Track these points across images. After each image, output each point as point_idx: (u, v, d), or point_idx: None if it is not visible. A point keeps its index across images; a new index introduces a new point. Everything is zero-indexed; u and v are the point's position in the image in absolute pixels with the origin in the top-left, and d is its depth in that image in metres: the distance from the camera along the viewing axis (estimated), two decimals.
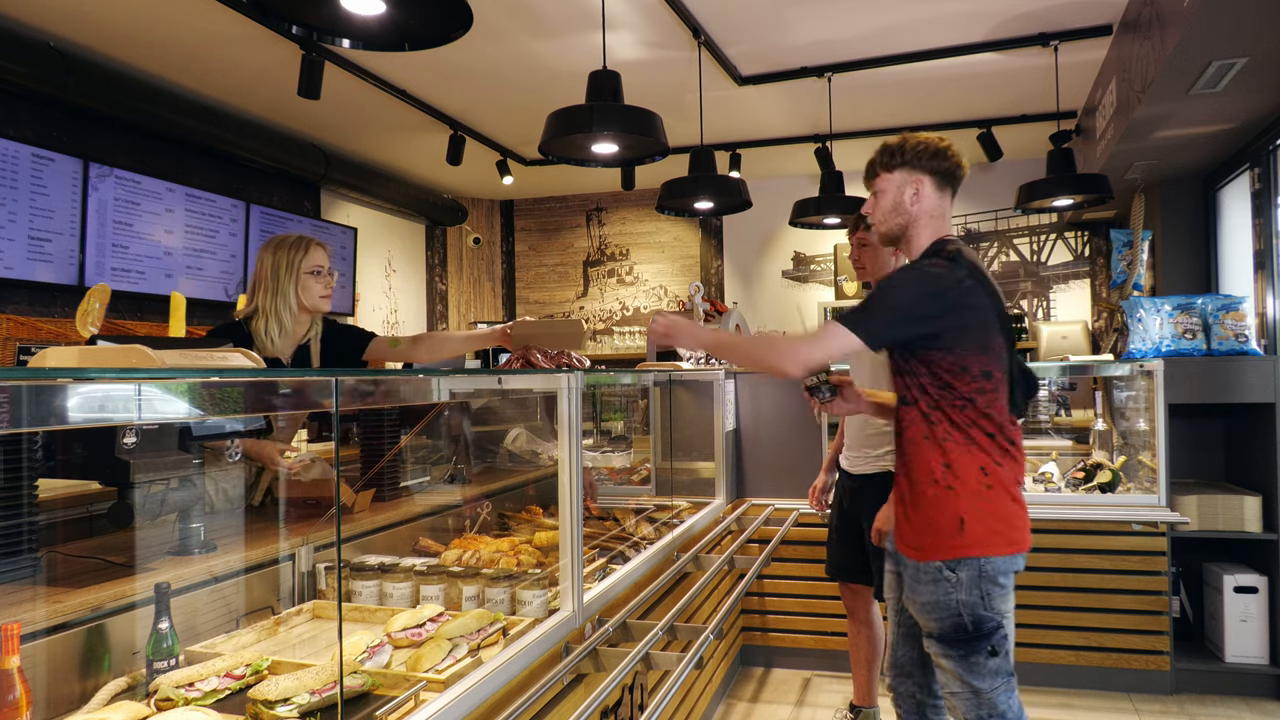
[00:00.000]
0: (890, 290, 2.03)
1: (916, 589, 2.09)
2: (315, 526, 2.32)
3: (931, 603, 2.06)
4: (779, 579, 4.05)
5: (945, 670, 2.08)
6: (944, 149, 2.12)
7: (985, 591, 2.03)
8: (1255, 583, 3.68)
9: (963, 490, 2.02)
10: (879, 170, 2.18)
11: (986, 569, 2.03)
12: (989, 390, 2.02)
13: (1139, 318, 3.98)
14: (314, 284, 2.65)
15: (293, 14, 2.45)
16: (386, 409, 2.72)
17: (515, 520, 3.15)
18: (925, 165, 2.12)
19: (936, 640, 2.08)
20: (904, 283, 2.03)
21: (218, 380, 1.34)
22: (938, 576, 2.04)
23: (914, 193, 2.13)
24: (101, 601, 1.71)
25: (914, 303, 2.00)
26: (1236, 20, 3.15)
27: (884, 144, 2.20)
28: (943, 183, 2.14)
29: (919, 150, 2.11)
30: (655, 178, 7.11)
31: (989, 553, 2.02)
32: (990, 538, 2.02)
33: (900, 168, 2.14)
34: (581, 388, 2.26)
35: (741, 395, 4.27)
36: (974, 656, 2.03)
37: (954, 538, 2.02)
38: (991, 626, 2.03)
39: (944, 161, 2.12)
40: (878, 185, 2.19)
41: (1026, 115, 6.22)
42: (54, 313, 4.83)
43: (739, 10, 4.47)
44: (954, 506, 2.02)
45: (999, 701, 2.04)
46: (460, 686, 1.68)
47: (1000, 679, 2.04)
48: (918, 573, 2.08)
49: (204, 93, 5.49)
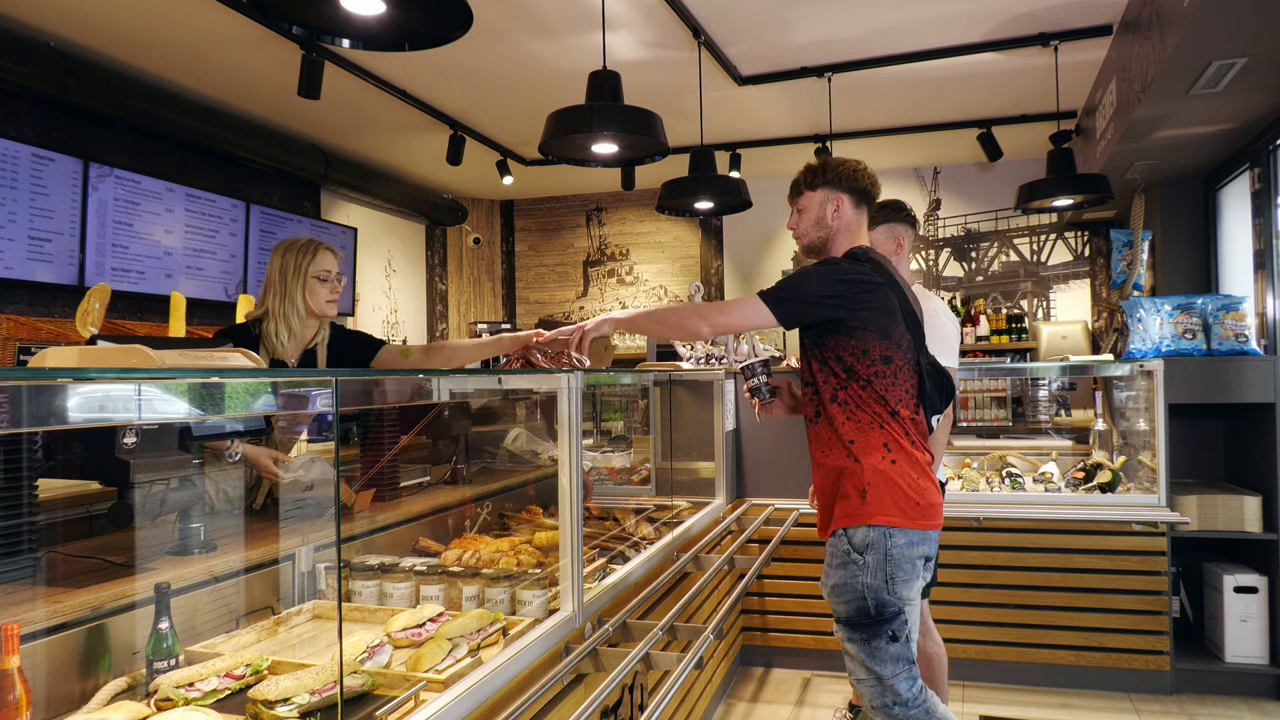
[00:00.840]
0: (805, 276, 2.23)
1: (828, 573, 2.22)
2: (315, 526, 2.32)
3: (839, 585, 2.17)
4: (779, 579, 4.05)
5: (850, 655, 2.19)
6: (860, 169, 2.33)
7: (890, 575, 2.13)
8: (1255, 583, 3.68)
9: (866, 463, 2.17)
10: (803, 189, 2.38)
11: (892, 552, 2.13)
12: (887, 375, 2.19)
13: (1139, 318, 3.98)
14: (321, 289, 2.65)
15: (293, 14, 2.45)
16: (386, 409, 2.73)
17: (515, 520, 3.15)
18: (844, 185, 2.32)
19: (843, 625, 2.19)
20: (818, 272, 2.23)
21: (218, 380, 1.34)
22: (845, 560, 2.16)
23: (834, 209, 2.33)
24: (101, 601, 1.71)
25: (825, 288, 2.19)
26: (1236, 20, 3.15)
27: (807, 165, 2.40)
28: (859, 200, 2.34)
29: (839, 171, 2.32)
30: (655, 178, 7.12)
31: (890, 523, 2.13)
32: (890, 508, 2.14)
33: (822, 186, 2.34)
34: (581, 388, 2.26)
35: (742, 395, 4.26)
36: (875, 641, 2.14)
37: (857, 507, 2.15)
38: (893, 612, 2.13)
39: (860, 181, 2.33)
40: (801, 203, 2.38)
41: (1026, 115, 6.22)
42: (54, 313, 4.83)
43: (739, 10, 4.47)
44: (858, 479, 2.16)
45: (900, 688, 2.14)
46: (460, 686, 1.68)
47: (901, 665, 2.14)
48: (830, 556, 2.22)
49: (204, 93, 5.49)
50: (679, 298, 8.41)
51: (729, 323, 2.28)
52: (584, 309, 8.75)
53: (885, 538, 2.13)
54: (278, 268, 2.63)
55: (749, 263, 8.20)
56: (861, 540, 2.14)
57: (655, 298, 8.52)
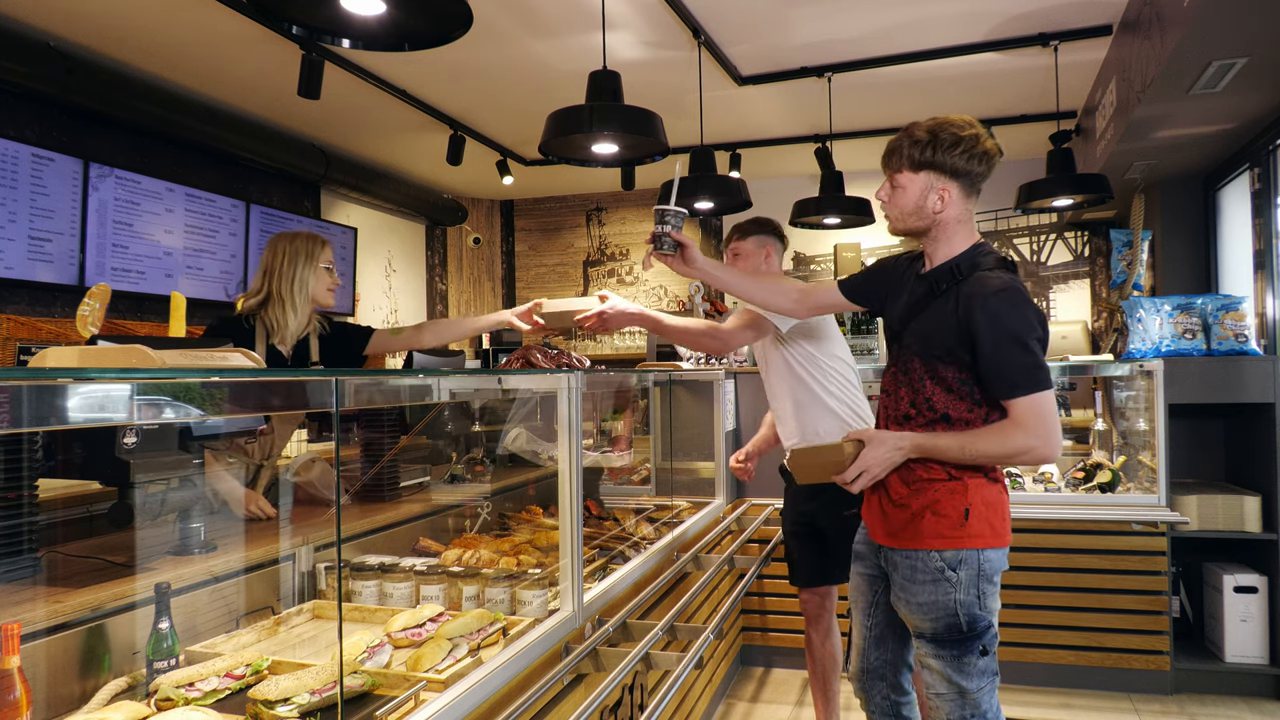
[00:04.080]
0: (1026, 319, 1.95)
1: (909, 589, 2.07)
2: (315, 526, 2.32)
3: (929, 602, 2.04)
4: (779, 579, 4.05)
5: (933, 670, 2.07)
6: (977, 149, 2.02)
7: (981, 590, 2.03)
8: (1255, 583, 3.68)
9: (971, 483, 2.02)
10: (903, 164, 2.08)
11: (984, 568, 2.03)
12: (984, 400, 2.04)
13: (1139, 318, 3.98)
14: (327, 278, 2.75)
15: (293, 14, 2.45)
16: (386, 409, 2.73)
17: (515, 520, 3.15)
18: (956, 170, 2.03)
19: (929, 641, 2.06)
20: (1026, 307, 1.96)
21: (218, 380, 1.34)
22: (937, 577, 2.02)
23: (938, 200, 2.06)
24: (101, 601, 1.71)
25: (1039, 327, 2.00)
26: (1236, 20, 3.15)
27: (910, 131, 2.07)
28: (969, 188, 2.07)
29: (953, 151, 2.01)
30: (655, 178, 7.11)
31: (988, 545, 2.03)
32: (988, 532, 2.03)
33: (927, 170, 2.05)
34: (581, 388, 2.26)
35: (741, 395, 4.27)
36: (966, 656, 2.03)
37: (956, 528, 2.01)
38: (984, 626, 2.03)
39: (975, 165, 2.03)
40: (899, 179, 2.09)
41: (1026, 115, 6.22)
42: (54, 313, 4.83)
43: (739, 10, 4.47)
44: (961, 498, 2.01)
45: (982, 701, 2.05)
46: (460, 686, 1.68)
47: (987, 679, 2.05)
48: (911, 571, 2.06)
49: (204, 93, 5.49)
50: (679, 298, 8.41)
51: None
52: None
53: (978, 555, 2.02)
54: (285, 255, 2.69)
55: None
56: (954, 558, 2.02)
57: (655, 298, 8.52)
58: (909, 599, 2.07)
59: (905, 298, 2.14)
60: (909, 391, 2.07)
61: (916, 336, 2.06)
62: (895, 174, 2.08)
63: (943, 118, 2.03)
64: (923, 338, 2.04)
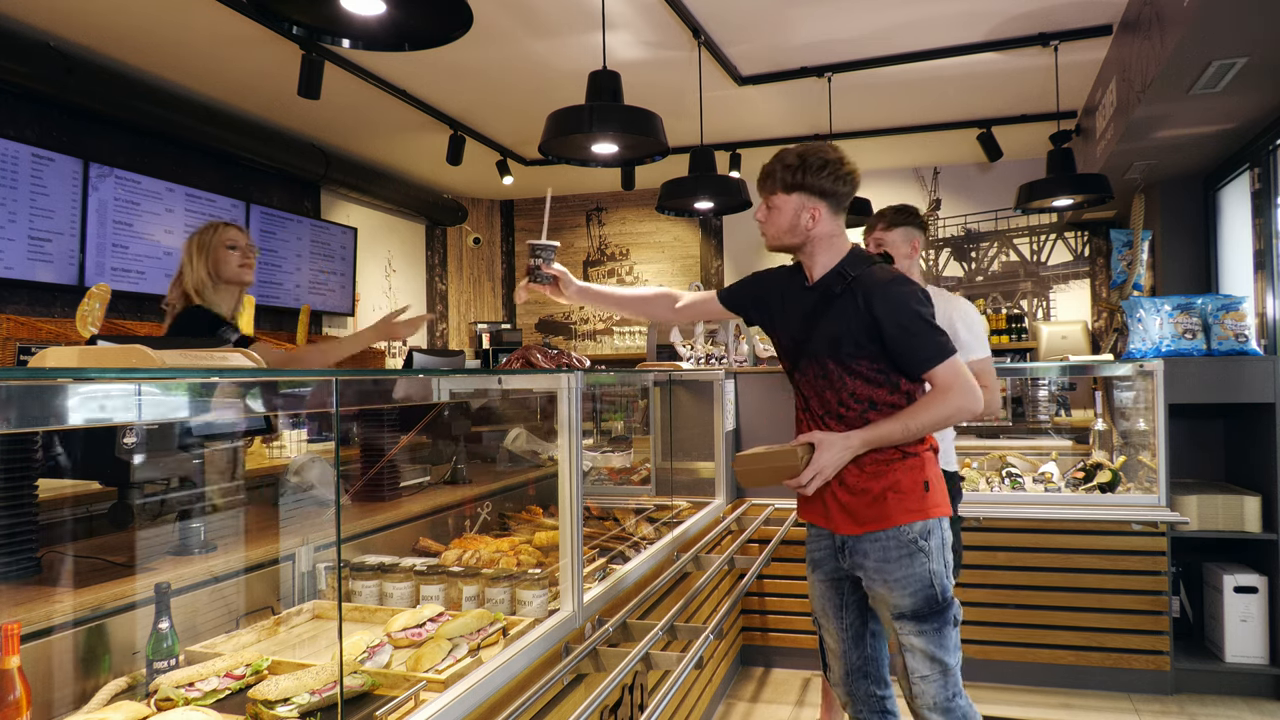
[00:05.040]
0: (923, 313, 2.11)
1: (888, 568, 2.12)
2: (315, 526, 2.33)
3: (906, 576, 2.11)
4: (779, 579, 4.05)
5: (917, 651, 2.13)
6: (841, 172, 2.17)
7: (946, 559, 2.14)
8: (1255, 583, 3.68)
9: (925, 456, 2.15)
10: (776, 187, 2.20)
11: (945, 537, 2.15)
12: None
13: (1139, 318, 3.98)
14: (235, 256, 2.89)
15: (293, 14, 2.45)
16: (386, 409, 2.73)
17: (515, 520, 3.16)
18: (822, 192, 2.18)
19: (911, 619, 2.12)
20: (922, 298, 2.14)
21: (218, 380, 1.34)
22: (913, 549, 2.10)
23: (810, 219, 2.19)
24: (101, 601, 1.71)
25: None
26: (1236, 20, 3.15)
27: (781, 157, 2.21)
28: (837, 207, 2.21)
29: (818, 175, 2.15)
30: (655, 178, 7.11)
31: (944, 515, 2.15)
32: (943, 502, 2.16)
33: (798, 191, 2.18)
34: (581, 388, 2.26)
35: (741, 395, 4.27)
36: (945, 629, 2.11)
37: (920, 501, 2.11)
38: (951, 596, 2.14)
39: (840, 186, 2.17)
40: (774, 201, 2.22)
41: (1026, 115, 6.22)
42: (54, 313, 4.83)
43: (739, 10, 4.47)
44: (919, 471, 2.13)
45: (959, 679, 2.14)
46: (460, 686, 1.68)
47: (959, 653, 2.14)
48: (885, 550, 2.12)
49: (204, 93, 5.49)
50: None
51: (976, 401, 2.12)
52: (584, 309, 8.74)
53: (940, 525, 2.14)
54: (193, 244, 2.90)
55: (749, 263, 8.20)
56: (923, 529, 2.11)
57: None
58: (887, 578, 2.13)
59: (797, 308, 2.23)
60: (833, 392, 2.15)
61: (824, 340, 2.15)
62: (770, 196, 2.21)
63: (812, 145, 2.18)
64: (830, 340, 2.13)
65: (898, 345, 2.07)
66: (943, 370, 2.06)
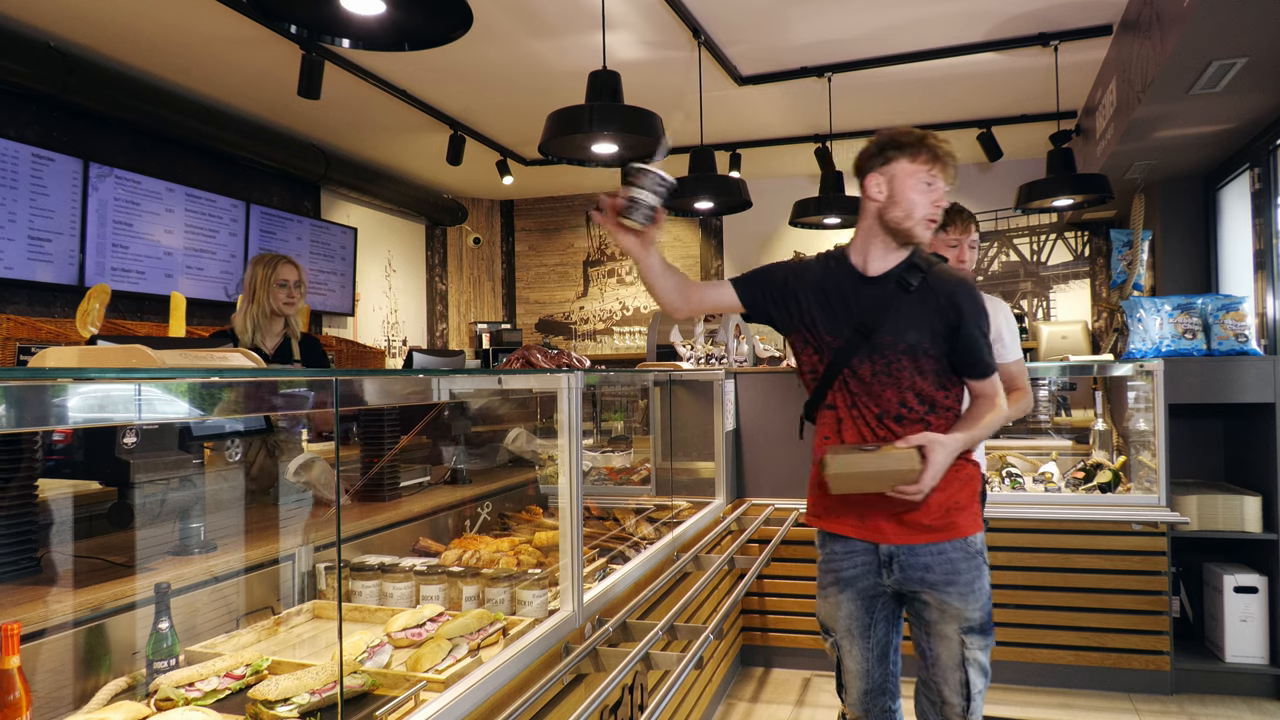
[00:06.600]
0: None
1: (960, 579, 2.03)
2: (315, 526, 2.32)
3: (979, 587, 2.05)
4: (779, 579, 4.05)
5: (977, 665, 2.06)
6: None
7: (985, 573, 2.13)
8: (1255, 583, 3.68)
9: (976, 470, 2.12)
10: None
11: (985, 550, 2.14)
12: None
13: (1139, 318, 3.98)
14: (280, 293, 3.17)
15: (293, 14, 2.45)
16: (386, 409, 2.73)
17: (515, 520, 3.16)
18: None
19: (978, 632, 2.05)
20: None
21: (218, 380, 1.34)
22: (979, 560, 2.06)
23: None
24: (101, 601, 1.71)
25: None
26: (1236, 20, 3.15)
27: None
28: None
29: None
30: None
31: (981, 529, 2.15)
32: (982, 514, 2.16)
33: None
34: (581, 388, 2.26)
35: (742, 395, 4.27)
36: (990, 641, 2.09)
37: (978, 514, 2.10)
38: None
39: None
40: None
41: (1026, 115, 6.22)
42: (54, 313, 4.83)
43: (739, 10, 4.47)
44: (975, 483, 2.10)
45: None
46: (460, 686, 1.68)
47: None
48: (955, 562, 2.03)
49: (204, 93, 5.49)
50: None
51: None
52: (584, 309, 8.74)
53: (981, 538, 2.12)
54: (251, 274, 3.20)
55: (749, 263, 8.20)
56: (980, 541, 2.09)
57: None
58: (962, 590, 2.03)
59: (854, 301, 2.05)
60: (895, 390, 2.02)
61: (900, 335, 2.01)
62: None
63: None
64: (908, 335, 2.00)
65: (968, 347, 2.01)
66: (994, 380, 2.09)
